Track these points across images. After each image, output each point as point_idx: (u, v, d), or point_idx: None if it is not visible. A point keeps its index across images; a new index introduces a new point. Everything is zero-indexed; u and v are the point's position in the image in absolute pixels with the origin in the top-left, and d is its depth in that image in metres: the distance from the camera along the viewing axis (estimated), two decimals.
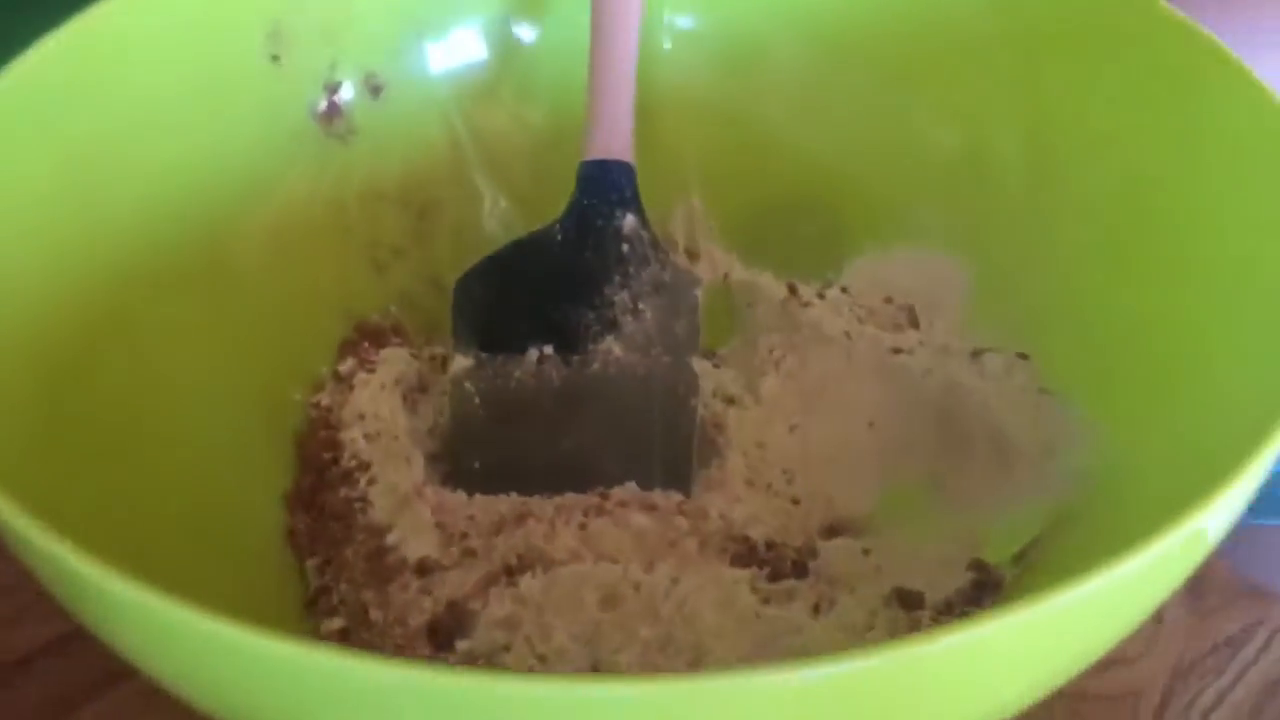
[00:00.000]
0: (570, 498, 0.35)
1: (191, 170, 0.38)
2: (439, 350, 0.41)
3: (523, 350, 0.37)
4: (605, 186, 0.38)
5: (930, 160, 0.40)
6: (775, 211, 0.43)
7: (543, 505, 0.34)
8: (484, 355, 0.38)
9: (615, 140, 0.38)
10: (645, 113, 0.42)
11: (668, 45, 0.42)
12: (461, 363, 0.38)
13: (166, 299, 0.36)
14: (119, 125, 0.36)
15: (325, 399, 0.39)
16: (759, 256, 0.43)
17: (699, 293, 0.38)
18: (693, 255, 0.43)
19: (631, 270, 0.38)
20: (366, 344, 0.40)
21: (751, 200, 0.43)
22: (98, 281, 0.34)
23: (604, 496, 0.35)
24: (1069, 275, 0.36)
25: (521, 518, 0.34)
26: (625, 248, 0.38)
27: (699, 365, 0.39)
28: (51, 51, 0.34)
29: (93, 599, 0.23)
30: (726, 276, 0.43)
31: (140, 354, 0.35)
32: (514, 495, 0.35)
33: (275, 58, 0.40)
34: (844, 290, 0.42)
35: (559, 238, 0.38)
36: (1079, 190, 0.36)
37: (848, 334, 0.40)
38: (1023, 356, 0.38)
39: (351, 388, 0.39)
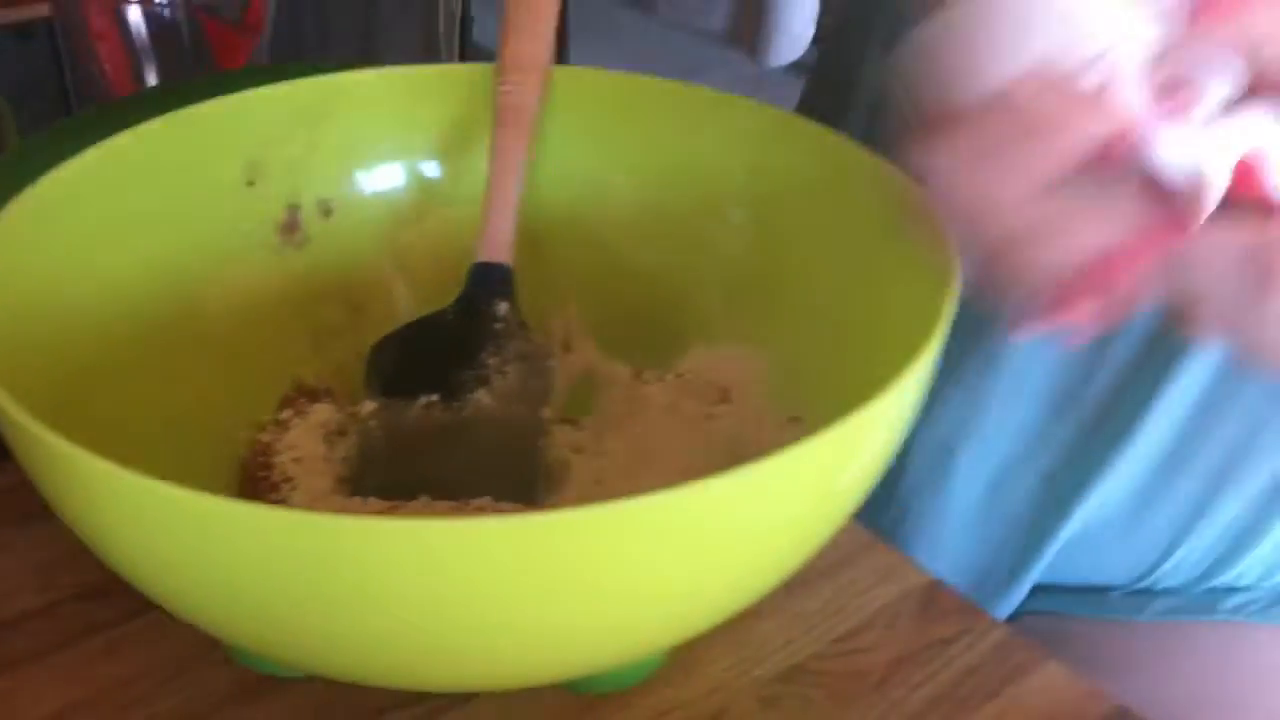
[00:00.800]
0: (440, 502, 0.46)
1: (179, 258, 0.51)
2: (358, 409, 0.52)
3: (416, 397, 0.49)
4: (487, 281, 0.51)
5: (733, 276, 0.53)
6: (631, 316, 0.56)
7: (416, 505, 0.46)
8: (386, 400, 0.50)
9: (498, 248, 0.51)
10: (535, 239, 0.55)
11: (546, 185, 0.55)
12: (369, 406, 0.50)
13: (151, 347, 0.49)
14: (134, 219, 0.49)
15: (266, 436, 0.51)
16: (618, 351, 0.55)
17: (553, 362, 0.51)
18: (568, 349, 0.55)
19: (502, 343, 0.50)
20: (303, 399, 0.52)
21: (614, 308, 0.56)
22: (102, 323, 0.46)
23: (465, 503, 0.46)
24: (820, 359, 0.49)
25: (397, 509, 0.45)
26: (498, 326, 0.50)
27: (555, 423, 0.51)
28: (89, 163, 0.47)
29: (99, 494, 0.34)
30: (591, 367, 0.55)
31: (128, 381, 0.47)
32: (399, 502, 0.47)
33: (250, 183, 0.54)
34: (680, 375, 0.54)
35: (450, 317, 0.51)
36: (816, 301, 0.49)
37: (675, 405, 0.52)
38: (795, 419, 0.49)
39: (287, 429, 0.51)
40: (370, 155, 0.56)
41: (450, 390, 0.49)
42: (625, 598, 0.35)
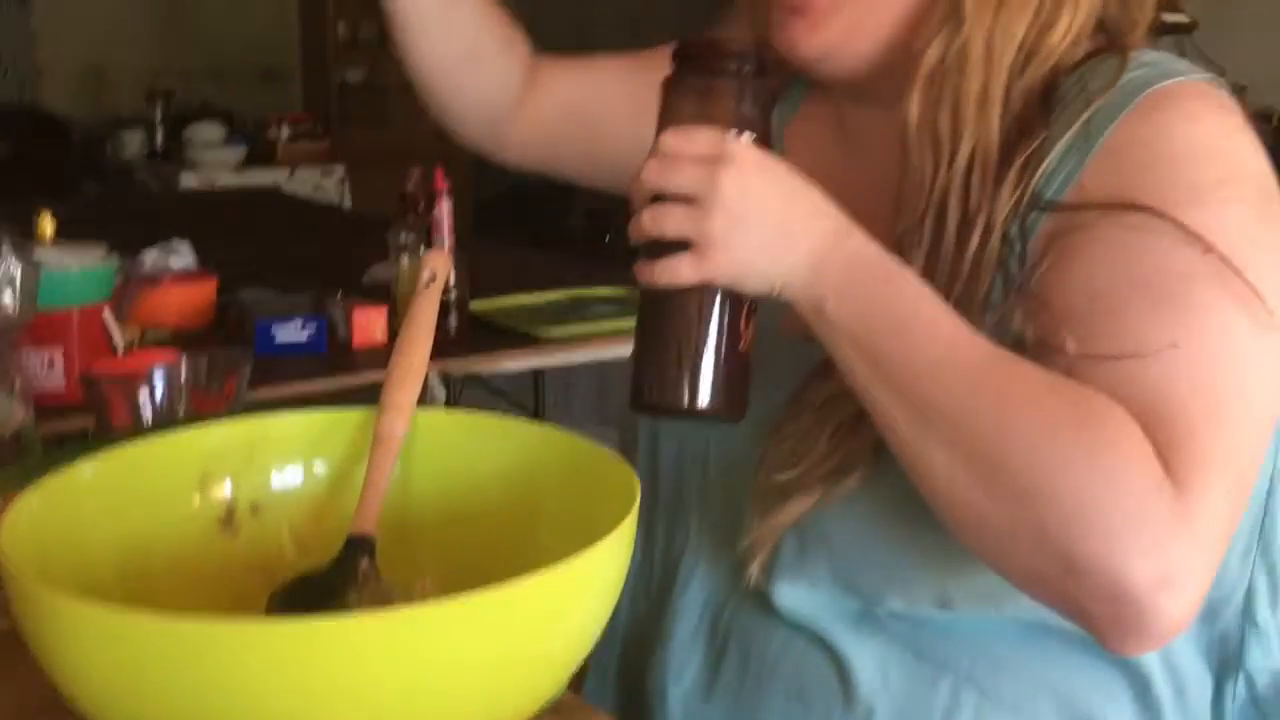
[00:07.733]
0: None
1: (141, 539, 0.74)
2: None
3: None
4: (356, 546, 0.73)
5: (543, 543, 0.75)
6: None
7: None
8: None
9: (365, 524, 0.74)
10: (402, 529, 0.78)
11: (410, 492, 0.79)
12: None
13: (122, 591, 0.71)
14: (116, 506, 0.73)
15: None
16: None
17: (395, 598, 0.72)
18: None
19: (361, 586, 0.72)
20: None
21: (460, 576, 0.78)
22: (77, 569, 0.69)
23: None
24: None
25: None
26: (360, 575, 0.72)
27: None
28: (95, 464, 0.71)
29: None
30: None
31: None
32: None
33: (201, 488, 0.77)
34: None
35: (328, 569, 0.73)
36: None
37: None
38: None
39: None
40: (287, 471, 0.80)
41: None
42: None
